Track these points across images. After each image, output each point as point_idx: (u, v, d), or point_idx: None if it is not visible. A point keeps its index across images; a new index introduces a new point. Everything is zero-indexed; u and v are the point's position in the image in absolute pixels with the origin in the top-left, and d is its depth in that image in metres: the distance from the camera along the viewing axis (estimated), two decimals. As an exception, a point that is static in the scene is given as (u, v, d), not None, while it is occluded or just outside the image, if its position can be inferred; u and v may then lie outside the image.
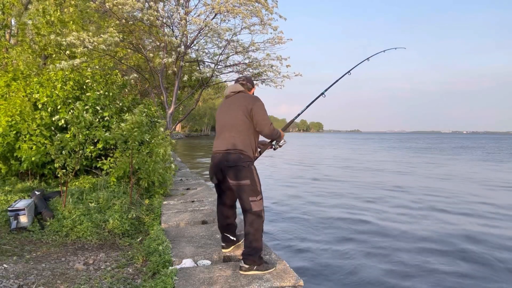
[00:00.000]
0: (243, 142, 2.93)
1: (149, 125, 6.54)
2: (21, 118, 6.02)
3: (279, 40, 9.31)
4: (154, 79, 10.64)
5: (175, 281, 2.65)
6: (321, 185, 11.65)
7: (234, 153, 2.91)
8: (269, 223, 6.68)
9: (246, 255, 2.85)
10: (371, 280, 4.27)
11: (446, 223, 6.85)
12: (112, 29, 7.86)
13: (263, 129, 2.99)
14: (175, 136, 35.69)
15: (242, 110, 2.96)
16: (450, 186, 11.63)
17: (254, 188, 2.89)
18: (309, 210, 7.83)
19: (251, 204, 2.88)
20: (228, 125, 3.02)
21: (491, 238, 5.96)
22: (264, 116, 2.98)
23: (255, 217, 2.89)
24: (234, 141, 2.94)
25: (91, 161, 6.30)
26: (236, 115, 2.98)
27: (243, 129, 2.96)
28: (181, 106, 18.76)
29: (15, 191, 5.55)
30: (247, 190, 2.88)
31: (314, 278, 4.30)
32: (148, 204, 5.16)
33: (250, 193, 2.88)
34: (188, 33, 9.08)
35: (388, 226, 6.61)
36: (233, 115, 3.00)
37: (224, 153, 2.96)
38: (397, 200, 9.08)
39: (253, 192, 2.89)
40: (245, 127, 2.96)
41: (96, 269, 3.13)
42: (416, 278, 4.36)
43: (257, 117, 2.96)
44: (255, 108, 2.95)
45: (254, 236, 2.86)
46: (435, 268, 4.67)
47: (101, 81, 7.29)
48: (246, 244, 2.89)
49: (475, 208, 8.32)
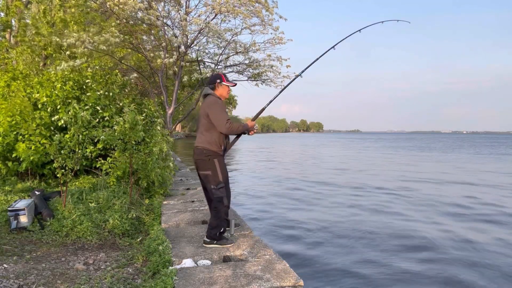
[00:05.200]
0: (207, 139, 3.49)
1: (149, 124, 6.53)
2: (22, 118, 6.02)
3: (280, 40, 9.31)
4: (154, 79, 10.64)
5: (175, 281, 2.65)
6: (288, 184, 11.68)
7: (200, 148, 3.51)
8: (267, 224, 6.68)
9: (208, 231, 3.49)
10: (371, 280, 4.27)
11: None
12: (113, 29, 7.86)
13: (220, 129, 3.45)
14: (175, 136, 35.68)
15: (203, 115, 3.52)
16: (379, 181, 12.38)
17: (215, 178, 3.46)
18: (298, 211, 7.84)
19: (213, 191, 3.48)
20: (198, 125, 3.61)
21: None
22: (218, 117, 3.42)
23: (217, 202, 3.48)
24: (200, 139, 3.53)
25: (91, 161, 6.30)
26: (201, 118, 3.56)
27: (207, 129, 3.50)
28: (181, 106, 18.75)
29: (15, 191, 5.55)
30: (210, 180, 3.48)
31: (314, 278, 4.30)
32: (148, 204, 5.16)
33: (212, 181, 3.47)
34: (189, 33, 9.09)
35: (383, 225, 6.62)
36: (200, 117, 3.59)
37: (195, 148, 3.57)
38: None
39: (214, 181, 3.46)
40: (208, 127, 3.49)
41: (96, 269, 3.13)
42: (416, 277, 4.36)
43: (213, 120, 3.45)
44: (210, 112, 3.45)
45: (215, 217, 3.47)
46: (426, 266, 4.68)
47: (101, 81, 7.28)
48: (209, 223, 3.52)
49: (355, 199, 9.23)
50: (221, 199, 3.47)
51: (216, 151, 3.50)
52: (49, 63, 9.88)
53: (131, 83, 9.80)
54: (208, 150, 3.47)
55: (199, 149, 3.51)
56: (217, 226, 3.46)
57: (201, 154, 3.49)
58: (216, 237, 3.47)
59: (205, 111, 3.48)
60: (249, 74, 10.26)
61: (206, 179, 3.53)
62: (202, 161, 3.50)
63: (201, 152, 3.49)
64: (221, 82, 3.57)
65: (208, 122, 3.48)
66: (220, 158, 3.53)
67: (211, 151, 3.48)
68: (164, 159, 5.92)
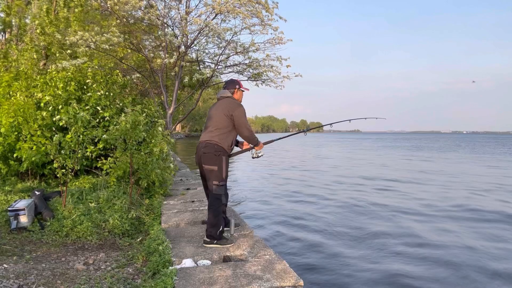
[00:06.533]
0: (219, 137, 3.57)
1: (149, 124, 6.53)
2: (23, 118, 6.03)
3: (279, 40, 9.31)
4: (154, 79, 10.64)
5: (175, 281, 2.65)
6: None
7: (211, 143, 3.55)
8: (265, 224, 6.68)
9: (207, 231, 3.50)
10: (371, 280, 4.27)
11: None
12: (114, 29, 7.86)
13: (242, 131, 3.63)
14: (175, 136, 35.69)
15: (225, 113, 3.59)
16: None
17: (219, 174, 3.52)
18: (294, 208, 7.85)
19: (214, 187, 3.51)
20: (212, 123, 3.64)
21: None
22: (242, 120, 3.60)
23: (215, 199, 3.51)
24: (213, 135, 3.59)
25: (91, 161, 6.30)
26: (220, 116, 3.62)
27: (223, 127, 3.59)
28: (181, 106, 18.76)
29: (15, 191, 5.55)
30: (213, 175, 3.52)
31: (314, 278, 4.30)
32: (148, 204, 5.16)
33: (215, 178, 3.51)
34: (189, 33, 9.08)
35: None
36: (218, 115, 3.64)
37: (204, 142, 3.60)
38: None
39: (217, 177, 3.52)
40: (224, 126, 3.59)
41: (96, 269, 3.13)
42: (415, 278, 4.36)
43: (237, 121, 3.59)
44: (236, 113, 3.59)
45: (213, 215, 3.48)
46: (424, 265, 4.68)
47: (102, 81, 7.28)
48: (208, 222, 3.52)
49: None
50: (220, 196, 3.53)
51: (226, 149, 3.61)
52: (51, 63, 9.87)
53: (131, 83, 9.79)
54: (219, 146, 3.54)
55: (210, 144, 3.54)
56: (216, 225, 3.48)
57: (211, 148, 3.53)
58: (216, 236, 3.49)
59: (228, 112, 3.58)
60: (249, 74, 10.25)
61: (210, 175, 3.55)
62: (210, 156, 3.53)
63: (212, 146, 3.53)
64: (239, 88, 3.84)
65: (228, 120, 3.58)
66: (227, 157, 3.63)
67: (222, 148, 3.56)
68: (164, 160, 5.92)
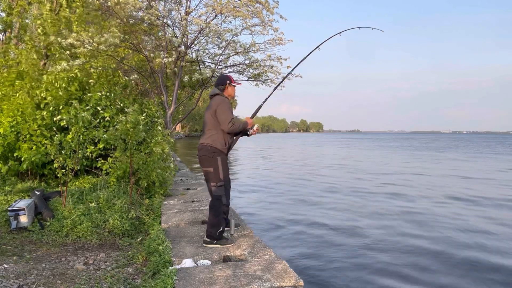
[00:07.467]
0: (211, 138, 3.56)
1: (149, 124, 6.53)
2: (23, 118, 6.02)
3: (280, 41, 9.31)
4: (154, 79, 10.64)
5: (175, 281, 2.65)
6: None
7: (205, 145, 3.58)
8: (265, 225, 6.67)
9: (208, 231, 3.50)
10: (372, 280, 4.27)
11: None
12: (114, 29, 7.85)
13: (223, 127, 3.53)
14: (175, 136, 35.69)
15: (211, 114, 3.58)
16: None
17: (216, 175, 3.52)
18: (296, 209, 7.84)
19: (212, 189, 3.54)
20: (205, 124, 3.67)
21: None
22: (223, 115, 3.50)
23: (215, 200, 3.53)
24: (206, 137, 3.60)
25: (91, 161, 6.30)
26: (208, 116, 3.61)
27: (212, 128, 3.58)
28: (181, 106, 18.76)
29: (15, 191, 5.55)
30: (211, 177, 3.55)
31: (314, 278, 4.30)
32: (148, 204, 5.16)
33: (213, 179, 3.53)
34: (189, 33, 9.08)
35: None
36: (207, 116, 3.64)
37: (200, 145, 3.64)
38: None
39: (215, 178, 3.52)
40: (214, 126, 3.58)
41: (96, 269, 3.13)
42: (415, 278, 4.36)
43: (219, 117, 3.53)
44: (218, 109, 3.53)
45: (214, 216, 3.48)
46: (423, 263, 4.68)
47: (104, 82, 7.29)
48: (208, 222, 3.52)
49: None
50: (220, 197, 3.53)
51: (220, 149, 3.57)
52: (50, 63, 9.87)
53: (132, 83, 9.78)
54: (212, 147, 3.54)
55: (204, 146, 3.58)
56: (217, 225, 3.48)
57: (205, 151, 3.56)
58: (216, 236, 3.49)
59: (212, 109, 3.56)
60: (249, 74, 10.26)
61: (208, 176, 3.60)
62: (205, 158, 3.56)
63: (206, 149, 3.56)
64: (230, 83, 3.74)
65: (214, 120, 3.56)
66: (223, 157, 3.60)
67: (215, 148, 3.55)
68: (164, 160, 5.92)
